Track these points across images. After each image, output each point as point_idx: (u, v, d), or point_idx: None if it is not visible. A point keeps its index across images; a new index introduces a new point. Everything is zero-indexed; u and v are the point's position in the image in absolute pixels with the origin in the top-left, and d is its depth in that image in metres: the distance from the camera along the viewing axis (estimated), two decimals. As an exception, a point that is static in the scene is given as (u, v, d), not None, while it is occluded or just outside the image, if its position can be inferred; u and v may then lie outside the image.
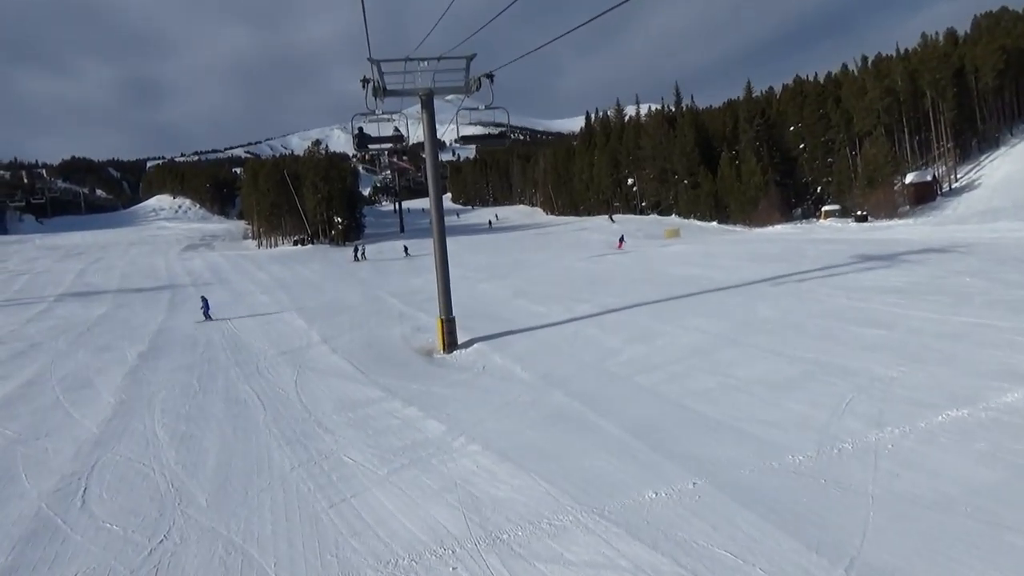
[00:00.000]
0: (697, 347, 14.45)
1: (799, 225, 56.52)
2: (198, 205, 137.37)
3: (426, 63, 16.57)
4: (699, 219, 69.65)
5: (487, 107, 17.16)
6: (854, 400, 10.16)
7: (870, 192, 54.54)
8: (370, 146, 17.49)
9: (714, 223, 66.07)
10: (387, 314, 22.74)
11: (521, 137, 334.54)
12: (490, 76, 16.57)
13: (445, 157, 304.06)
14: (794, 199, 67.99)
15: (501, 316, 20.59)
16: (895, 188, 54.65)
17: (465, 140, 18.34)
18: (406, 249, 47.98)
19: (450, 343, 17.13)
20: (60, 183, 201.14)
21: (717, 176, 69.71)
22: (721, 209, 68.42)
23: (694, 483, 7.93)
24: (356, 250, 48.31)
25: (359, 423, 11.43)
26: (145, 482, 9.52)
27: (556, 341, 16.54)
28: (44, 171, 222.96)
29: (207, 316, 24.11)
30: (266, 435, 11.12)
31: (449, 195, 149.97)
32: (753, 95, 75.96)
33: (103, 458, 10.51)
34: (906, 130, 63.89)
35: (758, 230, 56.49)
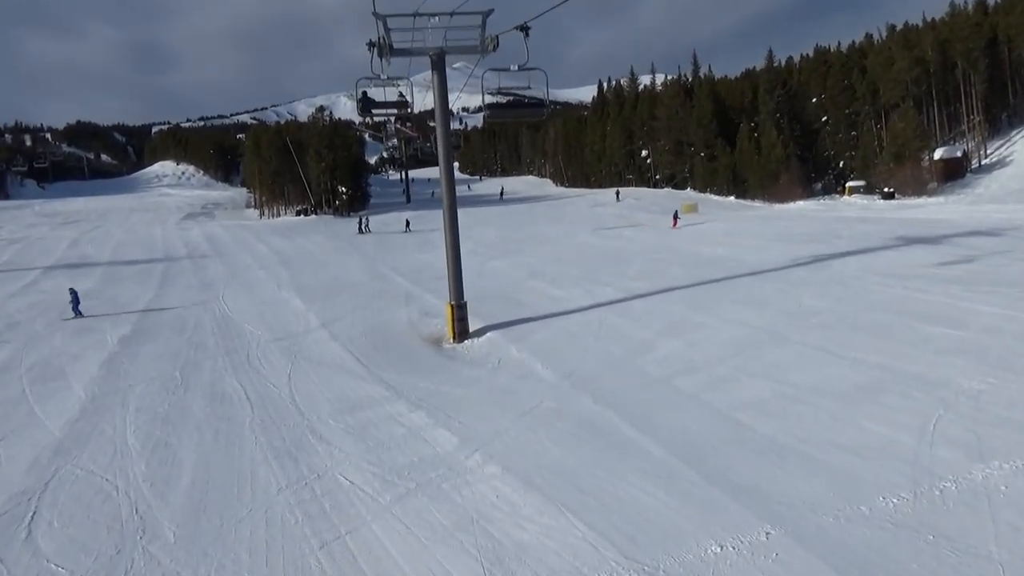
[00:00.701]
0: (741, 343, 12.93)
1: (822, 201, 54.54)
2: (201, 172, 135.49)
3: (437, 19, 14.86)
4: (716, 193, 67.60)
5: (521, 68, 14.51)
6: (942, 420, 8.65)
7: (897, 168, 52.41)
8: (374, 111, 16.09)
9: (731, 198, 64.07)
10: (392, 295, 21.26)
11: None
12: (525, 29, 14.11)
13: (452, 126, 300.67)
14: (813, 174, 65.82)
15: (515, 299, 19.11)
16: (923, 164, 52.49)
17: (494, 112, 16.39)
18: (408, 223, 46.14)
19: (461, 331, 15.67)
20: (65, 147, 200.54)
21: (735, 149, 67.53)
22: (739, 183, 66.28)
23: (767, 533, 6.48)
24: (360, 222, 46.58)
25: (359, 431, 10.01)
26: (105, 505, 8.14)
27: (579, 331, 15.05)
28: (49, 135, 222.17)
29: (76, 312, 20.01)
30: (251, 444, 9.72)
31: (457, 164, 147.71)
32: (774, 64, 73.26)
33: (62, 471, 9.13)
34: (935, 103, 61.44)
35: (779, 206, 54.56)
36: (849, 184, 55.89)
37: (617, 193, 68.19)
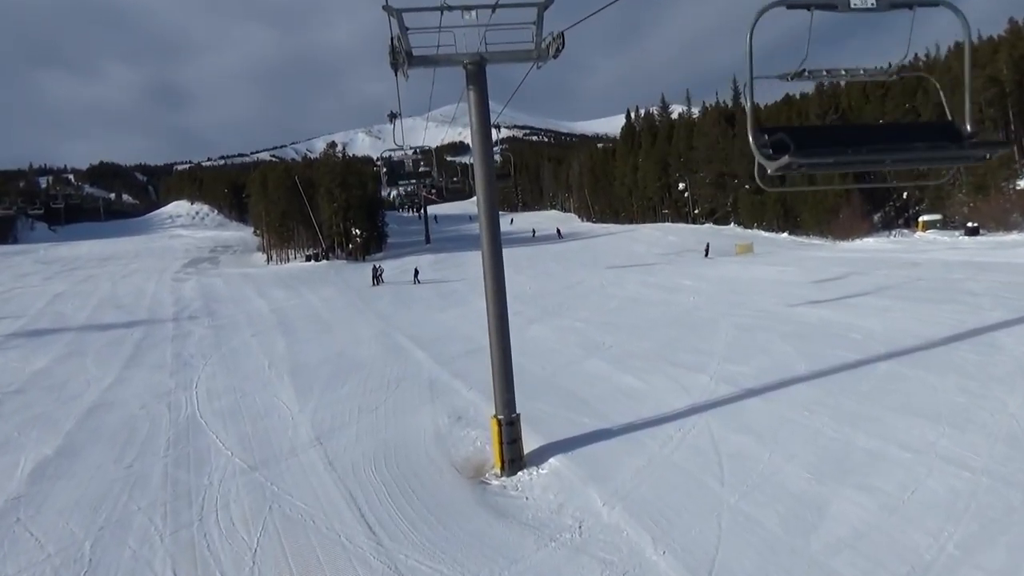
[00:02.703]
0: (971, 505, 8.20)
1: (894, 239, 49.58)
2: (216, 211, 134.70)
3: (474, 14, 10.59)
4: (765, 229, 62.93)
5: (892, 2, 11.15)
6: None
7: (980, 200, 47.48)
8: (400, 183, 17.18)
9: (784, 234, 59.33)
10: (411, 381, 16.75)
11: (546, 139, 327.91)
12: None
13: (467, 160, 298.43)
14: (869, 206, 60.89)
15: (576, 393, 14.54)
16: (1008, 195, 47.51)
17: None
18: (416, 274, 41.82)
19: (512, 459, 11.07)
20: (87, 188, 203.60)
21: (785, 181, 62.92)
22: (791, 218, 61.62)
23: None
24: (375, 273, 42.30)
25: None
26: None
27: (687, 462, 10.39)
28: (72, 176, 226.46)
29: None
30: None
31: (474, 199, 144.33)
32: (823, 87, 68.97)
33: None
34: (1011, 125, 56.58)
35: (844, 244, 49.67)
36: (924, 219, 50.92)
37: (707, 249, 48.61)
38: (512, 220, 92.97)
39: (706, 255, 46.00)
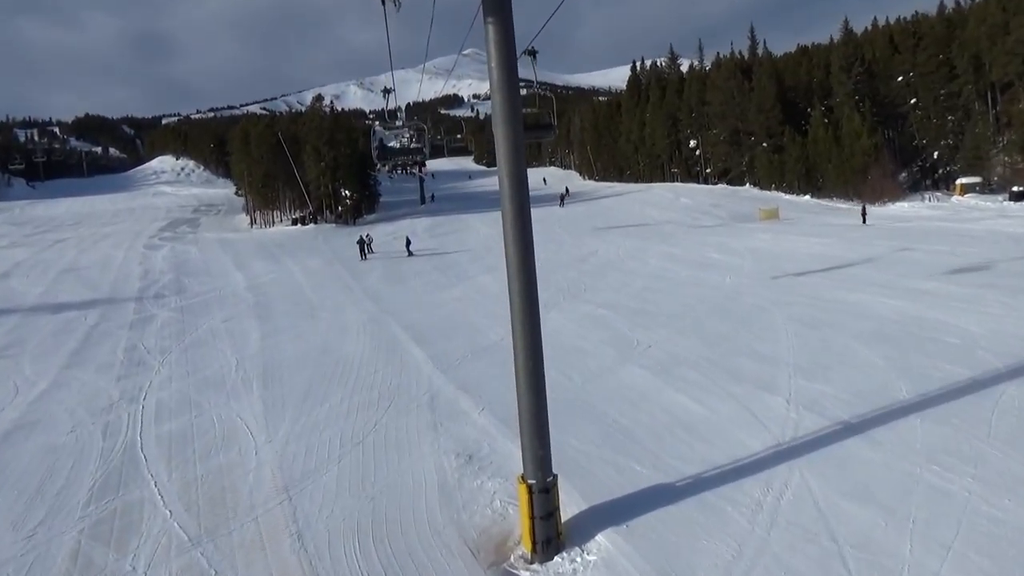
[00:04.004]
0: None
1: (929, 203, 46.40)
2: (202, 167, 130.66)
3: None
4: (785, 191, 59.63)
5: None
6: None
7: (1021, 160, 44.26)
8: (392, 159, 18.25)
9: (806, 197, 56.06)
10: (408, 396, 13.79)
11: (542, 92, 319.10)
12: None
13: (462, 113, 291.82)
14: (893, 167, 57.44)
15: (614, 417, 11.68)
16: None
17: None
18: (408, 243, 37.39)
19: (547, 538, 8.17)
20: (73, 141, 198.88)
21: (807, 138, 59.48)
22: (812, 179, 58.30)
23: None
24: (362, 244, 37.37)
25: None
26: None
27: (797, 560, 7.47)
28: (57, 129, 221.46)
29: None
30: None
31: (472, 157, 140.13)
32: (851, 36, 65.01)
33: None
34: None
35: (876, 210, 46.49)
36: (962, 181, 47.63)
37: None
38: (544, 180, 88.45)
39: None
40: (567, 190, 71.99)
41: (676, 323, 17.83)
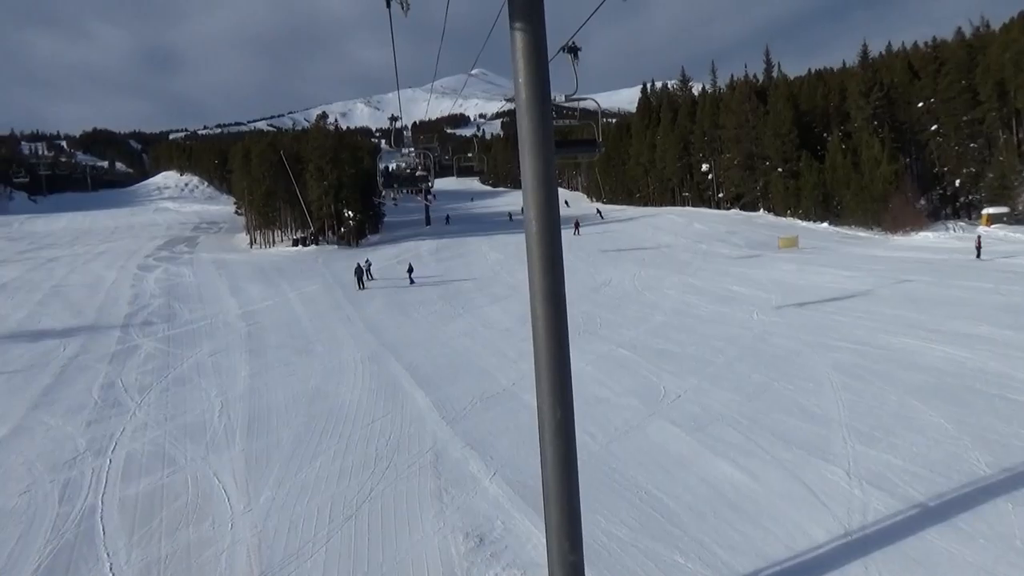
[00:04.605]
0: None
1: (954, 233, 44.91)
2: (206, 183, 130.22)
3: None
4: (801, 218, 58.21)
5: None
6: None
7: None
8: (397, 185, 20.07)
9: (824, 224, 54.60)
10: (409, 454, 12.26)
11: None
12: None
13: (468, 132, 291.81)
14: (910, 194, 55.89)
15: (649, 489, 10.20)
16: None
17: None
18: (410, 271, 35.00)
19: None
20: (80, 155, 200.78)
21: (824, 164, 58.16)
22: (830, 206, 56.85)
23: None
24: (360, 273, 34.10)
25: None
26: None
27: None
28: (65, 143, 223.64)
29: None
30: None
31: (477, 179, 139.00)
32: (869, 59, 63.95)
33: None
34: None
35: (899, 239, 45.04)
36: (988, 211, 46.13)
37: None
38: (567, 202, 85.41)
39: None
40: (599, 212, 70.43)
41: (705, 368, 16.34)
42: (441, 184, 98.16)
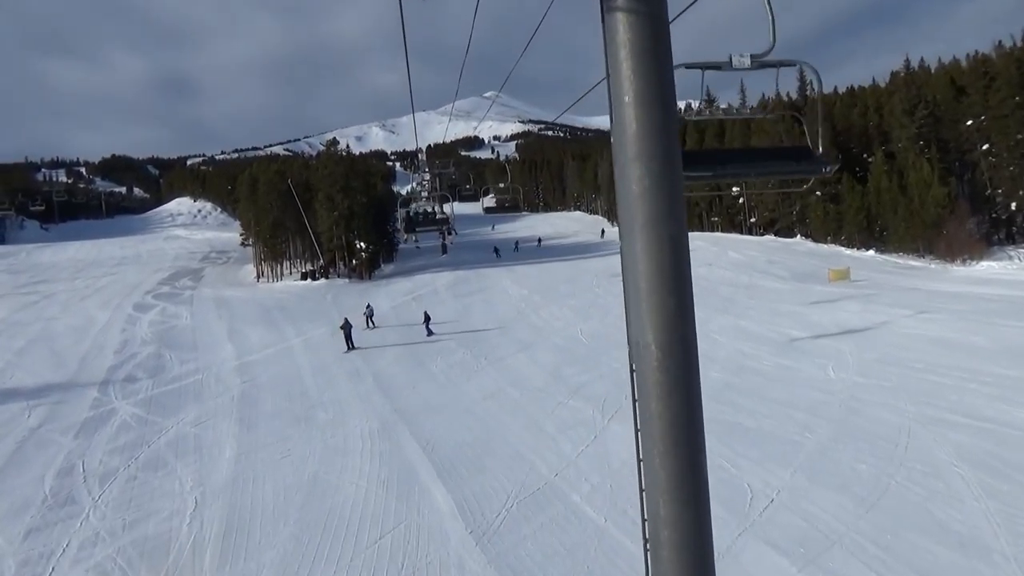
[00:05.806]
0: None
1: (1020, 263, 41.59)
2: (219, 209, 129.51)
3: None
4: (843, 245, 55.05)
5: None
6: None
7: None
8: (418, 229, 21.81)
9: (870, 252, 51.40)
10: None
11: (561, 134, 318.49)
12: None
13: (483, 155, 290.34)
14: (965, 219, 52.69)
15: None
16: None
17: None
18: (427, 322, 29.31)
19: None
20: (99, 181, 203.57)
21: (866, 187, 55.10)
22: (874, 232, 53.70)
23: None
24: (349, 329, 27.59)
25: None
26: None
27: None
28: (84, 169, 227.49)
29: None
30: None
31: (492, 200, 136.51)
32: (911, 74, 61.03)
33: None
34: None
35: (960, 270, 41.77)
36: (1056, 238, 42.76)
37: None
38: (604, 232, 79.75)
39: None
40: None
41: (795, 453, 13.31)
42: (458, 208, 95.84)
